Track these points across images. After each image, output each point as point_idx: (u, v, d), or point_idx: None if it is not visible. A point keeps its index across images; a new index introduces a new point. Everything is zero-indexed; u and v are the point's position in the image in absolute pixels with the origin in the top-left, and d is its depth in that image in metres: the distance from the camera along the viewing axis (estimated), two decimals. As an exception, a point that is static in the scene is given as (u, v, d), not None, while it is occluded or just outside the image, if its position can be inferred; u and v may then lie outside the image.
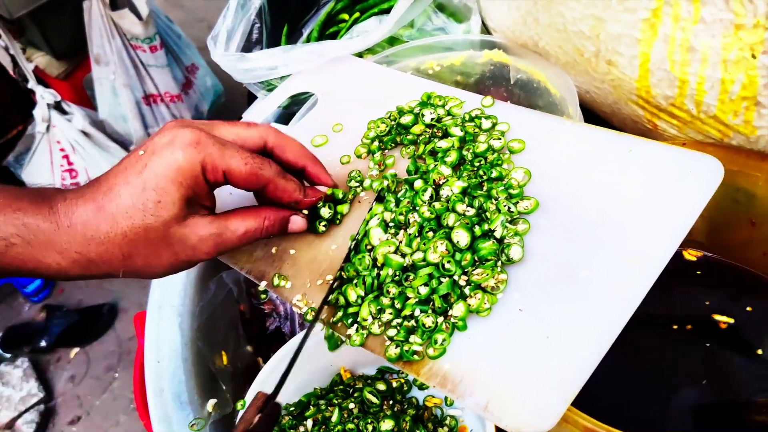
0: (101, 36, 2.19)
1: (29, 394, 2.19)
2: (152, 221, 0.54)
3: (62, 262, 0.54)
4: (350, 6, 1.06)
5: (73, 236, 0.53)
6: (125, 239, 0.54)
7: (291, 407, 0.78)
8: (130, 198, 0.54)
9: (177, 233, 0.56)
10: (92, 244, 0.54)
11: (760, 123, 0.64)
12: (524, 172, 0.64)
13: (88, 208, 0.54)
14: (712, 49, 0.61)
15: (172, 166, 0.54)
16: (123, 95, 2.31)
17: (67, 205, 0.54)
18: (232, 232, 0.59)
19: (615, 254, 0.56)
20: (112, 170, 0.56)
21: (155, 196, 0.54)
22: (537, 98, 0.87)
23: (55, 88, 2.32)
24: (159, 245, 0.56)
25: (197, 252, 0.58)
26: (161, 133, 0.56)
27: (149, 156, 0.55)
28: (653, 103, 0.71)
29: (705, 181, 0.57)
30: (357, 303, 0.60)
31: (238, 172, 0.57)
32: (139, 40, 2.23)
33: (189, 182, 0.55)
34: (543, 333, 0.53)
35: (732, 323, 0.73)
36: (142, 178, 0.54)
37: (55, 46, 2.29)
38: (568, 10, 0.70)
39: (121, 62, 2.25)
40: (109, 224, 0.54)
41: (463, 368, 0.54)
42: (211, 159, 0.56)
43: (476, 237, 0.59)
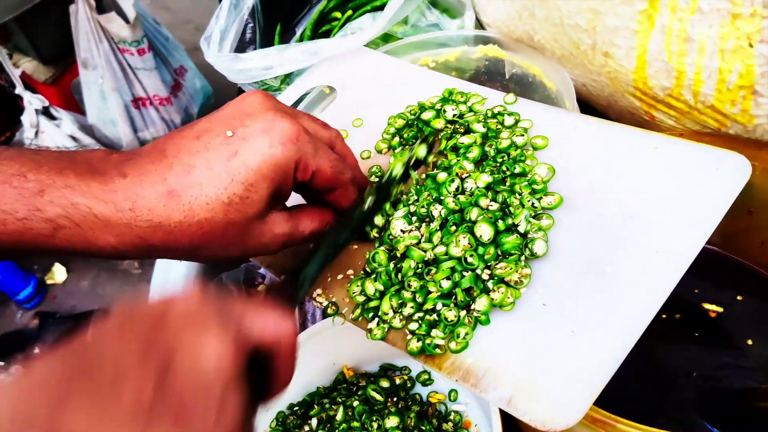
0: (88, 40, 2.18)
1: (24, 401, 2.18)
2: (235, 217, 0.49)
3: (119, 245, 0.48)
4: (343, 4, 1.06)
5: (136, 221, 0.47)
6: (199, 231, 0.48)
7: (295, 406, 0.78)
8: (213, 188, 0.48)
9: (255, 230, 0.52)
10: (159, 231, 0.48)
11: (758, 111, 0.64)
12: (548, 168, 0.64)
13: (157, 191, 0.47)
14: (710, 38, 0.61)
15: (267, 161, 0.49)
16: (111, 99, 2.29)
17: (127, 183, 0.47)
18: (300, 232, 0.57)
19: (641, 250, 0.56)
20: (184, 144, 0.49)
21: (243, 191, 0.49)
22: (532, 93, 0.87)
23: (43, 93, 2.31)
24: (233, 240, 0.51)
25: (267, 248, 0.54)
26: (252, 117, 0.51)
27: (240, 142, 0.49)
28: (650, 95, 0.71)
29: (732, 178, 0.58)
30: (376, 297, 0.60)
31: (324, 173, 0.54)
32: (126, 43, 2.22)
33: (280, 179, 0.51)
34: (568, 328, 0.53)
35: (721, 312, 0.73)
36: (229, 168, 0.48)
37: (42, 51, 2.28)
38: (564, 3, 0.70)
39: (108, 66, 2.23)
40: (183, 214, 0.48)
41: (487, 362, 0.54)
42: (306, 158, 0.51)
43: (499, 231, 0.59)
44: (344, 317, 0.62)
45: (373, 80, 0.85)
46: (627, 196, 0.60)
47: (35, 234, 0.46)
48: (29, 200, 0.45)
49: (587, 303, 0.54)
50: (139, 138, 2.44)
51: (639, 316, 0.52)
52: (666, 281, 0.53)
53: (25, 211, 0.45)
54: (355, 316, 0.61)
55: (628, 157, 0.63)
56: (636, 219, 0.58)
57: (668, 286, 0.53)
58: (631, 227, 0.57)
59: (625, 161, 0.63)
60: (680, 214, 0.57)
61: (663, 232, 0.56)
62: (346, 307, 0.62)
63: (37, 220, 0.46)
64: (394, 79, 0.84)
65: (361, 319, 0.60)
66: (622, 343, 0.51)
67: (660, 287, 0.53)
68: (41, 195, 0.46)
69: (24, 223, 0.46)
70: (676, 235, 0.56)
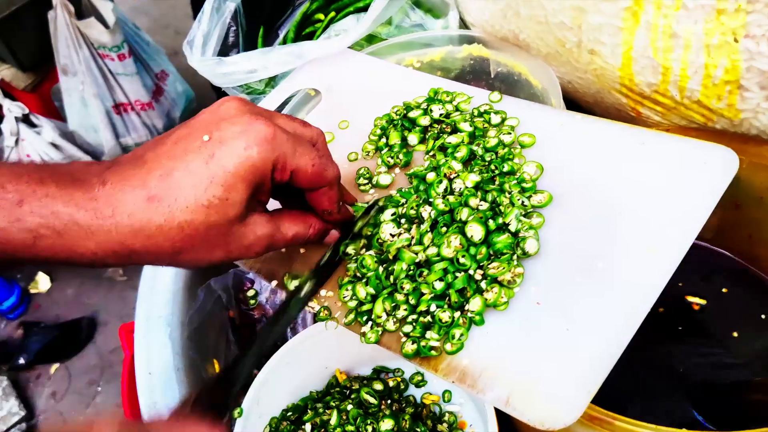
0: (68, 46, 2.15)
1: (9, 413, 2.15)
2: (215, 219, 0.49)
3: (100, 252, 0.48)
4: (325, 5, 1.06)
5: (117, 227, 0.47)
6: (180, 235, 0.49)
7: (288, 412, 0.78)
8: (192, 191, 0.48)
9: (237, 232, 0.52)
10: (139, 236, 0.48)
11: (744, 106, 0.65)
12: (536, 166, 0.64)
13: (137, 196, 0.48)
14: (695, 34, 0.61)
15: (244, 163, 0.49)
16: (93, 105, 2.27)
17: (108, 190, 0.47)
18: (283, 234, 0.57)
19: (632, 245, 0.56)
20: (164, 149, 0.50)
21: (222, 193, 0.49)
22: (518, 91, 0.87)
23: (23, 100, 2.28)
24: (215, 242, 0.51)
25: (249, 250, 0.55)
26: (229, 119, 0.51)
27: (217, 145, 0.49)
28: (637, 91, 0.71)
29: (720, 171, 0.58)
30: (368, 300, 0.60)
31: (304, 172, 0.54)
32: (106, 48, 2.20)
33: (257, 180, 0.51)
34: (562, 326, 0.53)
35: (704, 304, 0.74)
36: (208, 171, 0.49)
37: (20, 58, 2.25)
38: (548, 1, 0.70)
39: (89, 72, 2.21)
40: (164, 217, 0.48)
41: (482, 363, 0.54)
42: (284, 158, 0.52)
43: (491, 231, 0.59)
44: (337, 321, 0.61)
45: (359, 82, 0.84)
46: (616, 192, 0.60)
47: (15, 244, 0.46)
48: (8, 211, 0.46)
49: (581, 300, 0.54)
50: (122, 144, 2.41)
51: (633, 312, 0.52)
52: (658, 276, 0.53)
53: (4, 221, 0.45)
54: (349, 320, 0.60)
55: (616, 153, 0.63)
56: (625, 215, 0.58)
57: (661, 280, 0.53)
58: (621, 223, 0.58)
59: (613, 157, 0.63)
60: (669, 208, 0.57)
61: (653, 228, 0.56)
62: (338, 311, 0.62)
63: (16, 231, 0.46)
64: (379, 81, 0.83)
65: (355, 323, 0.60)
66: (618, 340, 0.51)
67: (652, 282, 0.53)
68: (20, 205, 0.46)
69: (3, 233, 0.46)
70: (666, 230, 0.56)
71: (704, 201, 0.57)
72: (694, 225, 0.55)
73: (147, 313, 0.88)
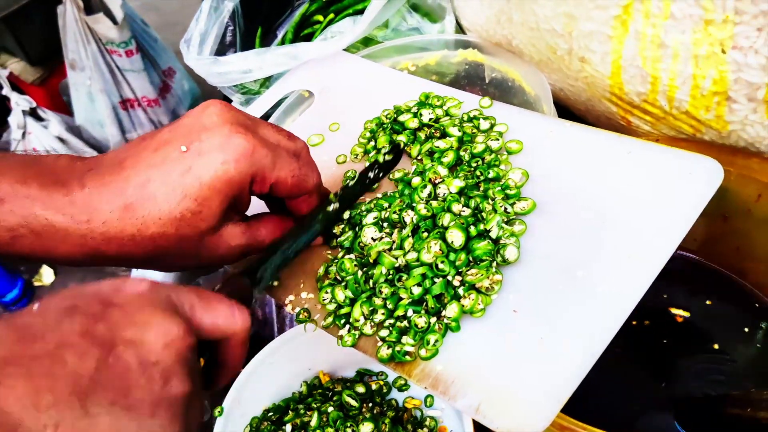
0: (76, 41, 2.17)
1: (8, 405, 2.16)
2: (187, 232, 0.50)
3: (76, 254, 0.49)
4: (325, 7, 1.06)
5: (91, 233, 0.48)
6: (152, 245, 0.49)
7: (269, 412, 0.78)
8: (166, 203, 0.49)
9: (209, 243, 0.52)
10: (113, 244, 0.49)
11: (732, 118, 0.64)
12: (522, 173, 0.64)
13: (113, 204, 0.48)
14: (683, 44, 0.61)
15: (220, 178, 0.49)
16: (99, 100, 2.29)
17: (86, 195, 0.48)
18: (260, 243, 0.57)
19: (612, 254, 0.55)
20: (143, 156, 0.50)
21: (196, 207, 0.49)
22: (512, 97, 0.87)
23: (31, 94, 2.30)
24: (187, 252, 0.52)
25: (224, 260, 0.55)
26: (210, 130, 0.50)
27: (195, 157, 0.49)
28: (626, 100, 0.71)
29: (705, 182, 0.57)
30: (346, 304, 0.60)
31: (284, 184, 0.54)
32: (114, 44, 2.21)
33: (234, 193, 0.51)
34: (537, 335, 0.53)
35: (688, 317, 0.73)
36: (183, 183, 0.49)
37: (29, 52, 2.27)
38: (540, 8, 0.70)
39: (96, 67, 2.23)
40: (137, 227, 0.48)
41: (456, 370, 0.53)
42: (263, 172, 0.52)
43: (471, 237, 0.58)
44: (316, 324, 0.61)
45: (352, 84, 0.84)
46: (600, 201, 0.60)
47: None
48: None
49: (557, 309, 0.54)
50: (127, 139, 2.43)
51: (608, 323, 0.52)
52: (636, 287, 0.53)
53: None
54: (327, 323, 0.60)
55: (602, 161, 0.63)
56: (608, 223, 0.58)
57: (638, 291, 0.53)
58: (604, 232, 0.57)
59: (599, 165, 0.63)
60: (652, 218, 0.57)
61: (635, 237, 0.56)
62: (318, 313, 0.62)
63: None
64: (372, 84, 0.83)
65: (333, 326, 0.60)
66: (591, 350, 0.51)
67: (630, 293, 0.53)
68: (1, 204, 0.47)
69: None
70: (647, 239, 0.55)
71: (687, 212, 0.56)
72: (675, 236, 0.55)
73: (135, 309, 0.88)
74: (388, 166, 0.70)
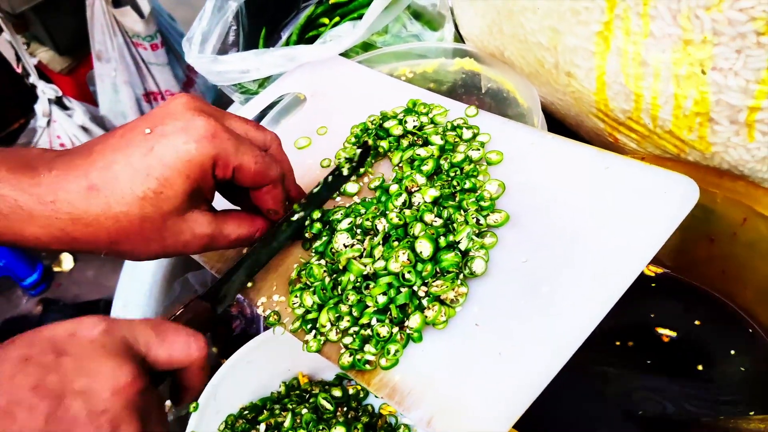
0: (103, 33, 2.21)
1: (23, 386, 2.20)
2: (150, 212, 0.50)
3: (43, 236, 0.50)
4: (331, 10, 1.06)
5: (57, 214, 0.49)
6: (116, 225, 0.50)
7: (245, 410, 0.78)
8: (129, 183, 0.49)
9: (173, 226, 0.53)
10: (78, 224, 0.49)
11: (714, 139, 0.63)
12: (498, 185, 0.64)
13: (78, 185, 0.49)
14: (663, 63, 0.60)
15: (182, 158, 0.50)
16: (123, 92, 2.32)
17: (52, 178, 0.49)
18: (225, 236, 0.58)
19: (580, 271, 0.55)
20: (110, 141, 0.51)
21: (158, 187, 0.50)
22: (506, 108, 0.87)
23: (59, 83, 2.34)
24: (151, 235, 0.52)
25: (187, 248, 0.55)
26: (173, 115, 0.52)
27: (157, 138, 0.50)
28: (612, 117, 0.70)
29: (678, 202, 0.56)
30: (313, 309, 0.60)
31: (247, 169, 0.54)
32: (140, 37, 2.24)
33: (197, 176, 0.52)
34: (496, 349, 0.53)
35: (674, 337, 0.72)
36: (146, 163, 0.50)
37: (58, 42, 2.32)
38: (527, 20, 0.70)
39: (122, 59, 2.26)
40: (101, 207, 0.49)
41: (413, 381, 0.53)
42: (225, 154, 0.52)
43: (440, 248, 0.59)
44: (284, 327, 0.62)
45: (344, 89, 0.85)
46: (574, 216, 0.59)
47: None
48: None
49: (519, 325, 0.54)
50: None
51: (568, 341, 0.51)
52: (599, 306, 0.52)
53: None
54: (294, 327, 0.61)
55: (580, 176, 0.62)
56: (579, 239, 0.57)
57: (601, 310, 0.52)
58: (574, 248, 0.57)
59: (577, 180, 0.62)
60: (623, 236, 0.56)
61: (603, 255, 0.55)
62: (288, 317, 0.62)
63: None
64: (364, 89, 0.84)
65: (300, 331, 0.60)
66: (547, 368, 0.50)
67: (592, 312, 0.52)
68: None
69: None
70: (615, 258, 0.55)
71: (658, 232, 0.55)
72: (643, 256, 0.54)
73: (125, 302, 0.90)
74: (356, 165, 0.71)
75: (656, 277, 0.79)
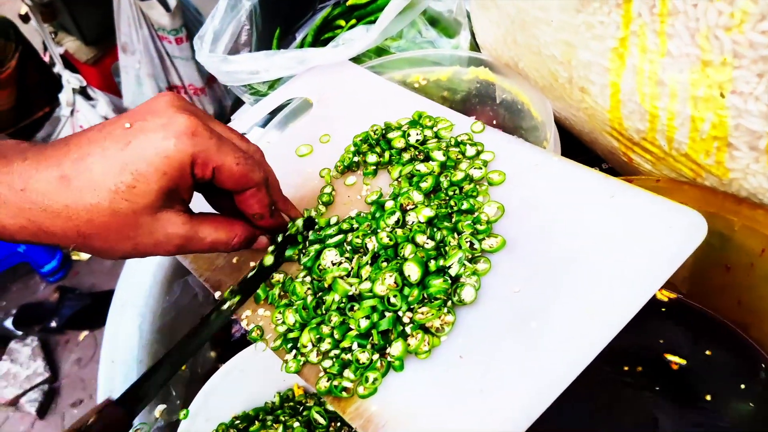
0: (129, 25, 2.21)
1: (35, 372, 2.22)
2: (122, 207, 0.49)
3: (10, 226, 0.48)
4: (348, 12, 1.04)
5: (26, 203, 0.48)
6: (86, 218, 0.49)
7: (237, 420, 0.77)
8: (102, 175, 0.48)
9: (145, 225, 0.51)
10: (47, 215, 0.48)
11: (733, 165, 0.60)
12: (498, 207, 0.61)
13: (50, 175, 0.48)
14: (680, 84, 0.57)
15: (159, 154, 0.49)
16: (147, 85, 2.33)
17: (25, 166, 0.48)
18: (200, 239, 0.55)
19: (571, 307, 0.52)
20: (88, 134, 0.50)
21: (132, 181, 0.48)
22: (521, 120, 0.84)
23: (84, 73, 2.36)
24: (122, 232, 0.50)
25: (158, 248, 0.54)
26: (155, 111, 0.51)
27: (136, 133, 0.49)
28: (626, 136, 0.67)
29: (685, 238, 0.52)
30: (296, 328, 0.58)
31: (228, 171, 0.53)
32: (165, 30, 2.24)
33: (173, 174, 0.50)
34: (478, 386, 0.50)
35: (683, 365, 0.69)
36: (122, 157, 0.48)
37: (85, 32, 2.33)
38: (540, 32, 0.67)
39: (147, 52, 2.27)
40: (72, 199, 0.48)
41: (390, 412, 0.51)
42: (205, 154, 0.51)
43: (429, 272, 0.56)
44: (266, 343, 0.60)
45: (350, 96, 0.83)
46: (572, 245, 0.56)
47: None
48: None
49: (504, 360, 0.51)
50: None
51: (554, 380, 0.48)
52: (589, 346, 0.49)
53: None
54: (275, 345, 0.59)
55: (583, 203, 0.59)
56: (575, 271, 0.54)
57: (591, 351, 0.49)
58: (568, 280, 0.54)
59: (580, 207, 0.59)
60: (622, 271, 0.52)
61: (598, 290, 0.52)
62: (270, 333, 0.60)
63: None
64: (371, 97, 0.81)
65: (281, 349, 0.58)
66: (529, 411, 0.47)
67: (581, 352, 0.49)
68: None
69: None
70: (610, 295, 0.51)
71: (660, 269, 0.52)
72: (642, 294, 0.50)
73: (123, 300, 0.89)
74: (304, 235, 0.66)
75: (668, 302, 0.75)
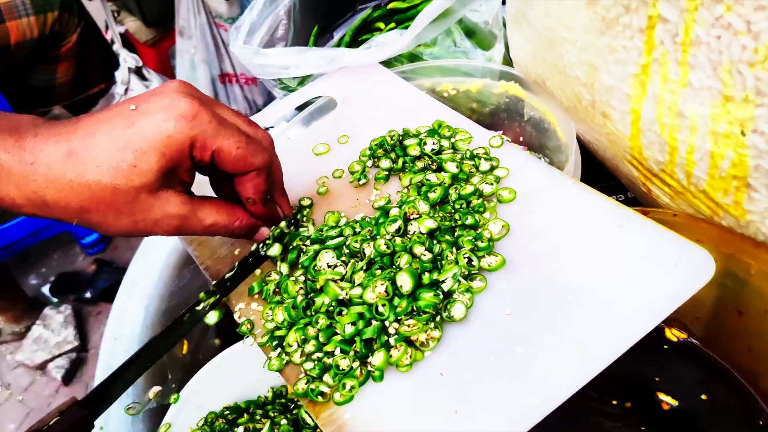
0: (188, 9, 2.24)
1: (65, 340, 2.27)
2: (122, 183, 0.51)
3: (16, 197, 0.51)
4: (388, 16, 1.04)
5: (33, 175, 0.50)
6: (88, 193, 0.51)
7: (227, 410, 0.77)
8: (106, 152, 0.50)
9: (144, 202, 0.53)
10: (51, 188, 0.50)
11: (751, 207, 0.57)
12: (503, 225, 0.60)
13: (58, 150, 0.50)
14: (701, 117, 0.55)
15: (160, 134, 0.51)
16: (200, 70, 2.36)
17: (36, 140, 0.51)
18: (199, 220, 0.57)
19: (563, 335, 0.50)
20: (97, 115, 0.53)
21: (133, 159, 0.50)
22: (547, 139, 0.82)
23: (142, 53, 2.40)
24: (121, 208, 0.52)
25: (157, 227, 0.55)
26: (160, 94, 0.53)
27: (140, 115, 0.51)
28: (646, 166, 0.65)
29: (690, 277, 0.50)
30: (283, 326, 0.58)
31: (227, 154, 0.54)
32: (222, 18, 2.27)
33: (173, 154, 0.52)
34: (453, 406, 0.49)
35: (675, 406, 0.66)
36: (125, 136, 0.51)
37: (146, 13, 2.37)
38: (566, 52, 0.65)
39: (203, 38, 2.29)
40: (76, 173, 0.50)
41: (362, 423, 0.50)
42: (204, 137, 0.52)
43: (422, 284, 0.55)
44: (255, 338, 0.60)
45: (375, 99, 0.82)
46: (573, 272, 0.54)
47: None
48: None
49: (484, 383, 0.50)
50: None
51: (532, 410, 0.47)
52: (574, 379, 0.47)
53: None
54: (263, 342, 0.58)
55: (590, 230, 0.57)
56: (571, 300, 0.52)
57: (574, 384, 0.47)
58: (564, 307, 0.52)
59: (586, 234, 0.57)
60: (620, 305, 0.51)
61: (593, 321, 0.50)
62: (260, 328, 0.60)
63: None
64: (395, 102, 0.80)
65: (268, 346, 0.58)
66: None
67: (565, 385, 0.47)
68: None
69: None
70: (605, 328, 0.50)
71: (660, 306, 0.49)
72: (635, 331, 0.49)
73: (134, 280, 0.90)
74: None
75: (675, 341, 0.72)
